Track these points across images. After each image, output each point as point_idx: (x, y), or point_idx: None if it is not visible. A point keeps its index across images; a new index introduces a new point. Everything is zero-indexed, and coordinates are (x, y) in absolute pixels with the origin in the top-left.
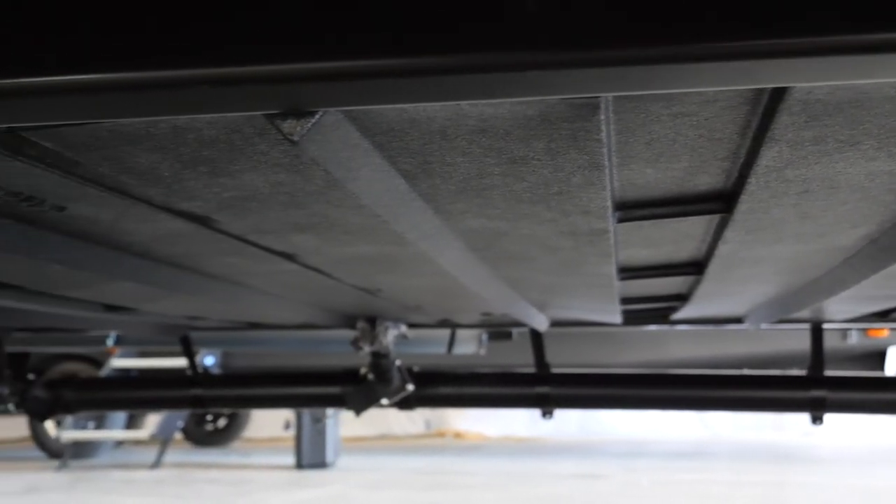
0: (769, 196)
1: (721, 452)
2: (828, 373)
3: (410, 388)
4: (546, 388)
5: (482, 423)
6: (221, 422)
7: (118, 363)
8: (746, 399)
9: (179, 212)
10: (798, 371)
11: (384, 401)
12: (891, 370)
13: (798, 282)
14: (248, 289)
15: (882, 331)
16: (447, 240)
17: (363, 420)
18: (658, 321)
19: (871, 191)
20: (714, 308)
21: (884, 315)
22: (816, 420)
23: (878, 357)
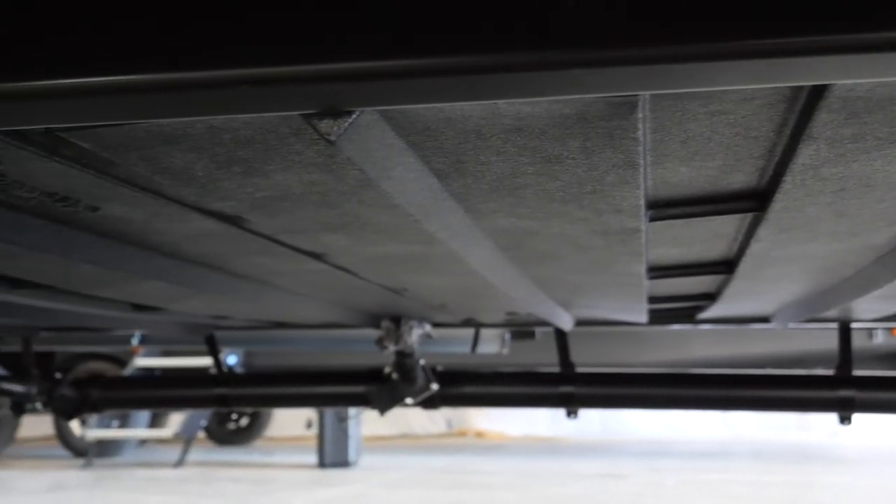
0: (804, 194)
1: (745, 452)
2: (856, 372)
3: (435, 388)
4: (571, 388)
5: (503, 423)
6: (244, 421)
7: (142, 362)
8: (773, 399)
9: (211, 212)
10: (825, 371)
11: (409, 400)
12: None
13: (829, 281)
14: (275, 288)
15: None
16: (477, 239)
17: (384, 419)
18: (684, 320)
19: None
20: (741, 307)
21: None
22: (845, 420)
23: None
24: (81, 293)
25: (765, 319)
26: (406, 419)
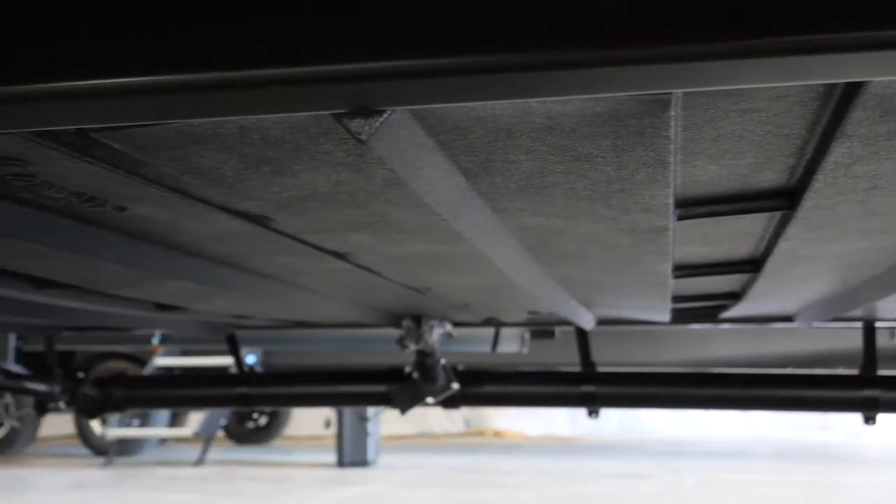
0: (835, 192)
1: (765, 452)
2: (881, 372)
3: (456, 387)
4: (592, 387)
5: (522, 422)
6: (262, 420)
7: (161, 361)
8: (797, 398)
9: (237, 211)
10: (848, 370)
11: (430, 399)
12: None
13: (856, 279)
14: (297, 287)
15: None
16: (503, 238)
17: (403, 418)
18: (706, 319)
19: None
20: (765, 306)
21: None
22: (869, 420)
23: None
24: (106, 293)
25: (788, 318)
26: (424, 418)
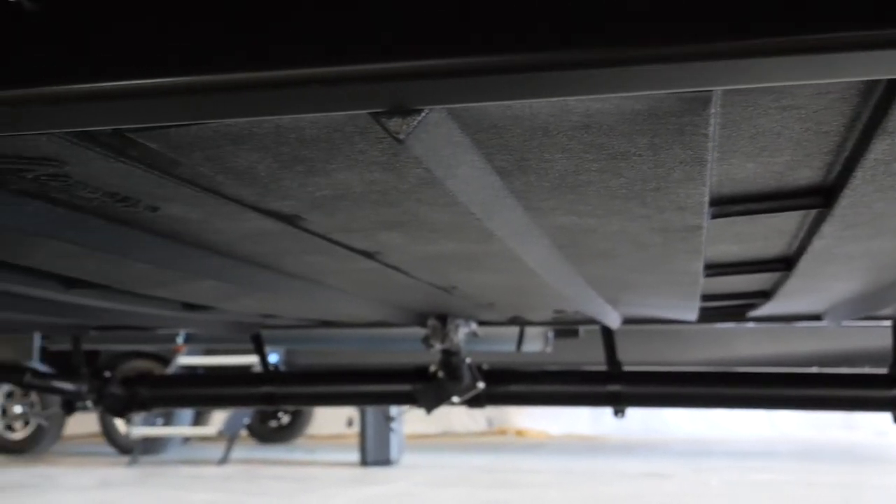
0: (873, 190)
1: (791, 452)
2: None
3: (481, 386)
4: (618, 387)
5: (544, 421)
6: (285, 419)
7: (184, 361)
8: (825, 398)
9: (268, 211)
10: (876, 369)
11: (455, 399)
12: None
13: (888, 277)
14: (325, 287)
15: None
16: (534, 237)
17: (425, 417)
18: (734, 318)
19: None
20: (793, 305)
21: None
22: None
23: None
24: (135, 292)
25: (816, 317)
26: (447, 417)
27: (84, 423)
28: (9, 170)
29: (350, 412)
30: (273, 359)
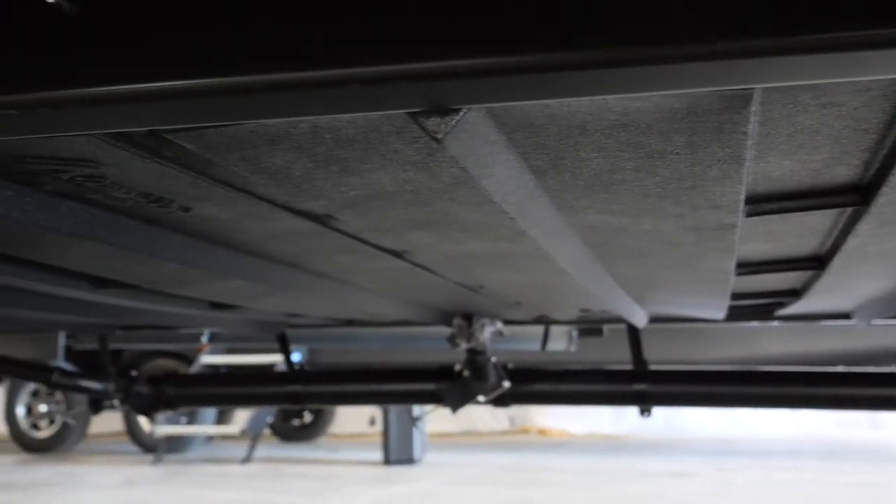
0: None
1: (815, 451)
2: None
3: (507, 385)
4: (645, 386)
5: (566, 420)
6: (308, 417)
7: (207, 360)
8: (852, 397)
9: (300, 211)
10: None
11: (481, 398)
12: None
13: None
14: (352, 286)
15: None
16: (565, 236)
17: (447, 416)
18: (762, 317)
19: None
20: (823, 303)
21: None
22: None
23: None
24: (164, 292)
25: (846, 316)
26: (469, 416)
27: (109, 422)
28: (45, 171)
29: (372, 411)
30: (295, 358)
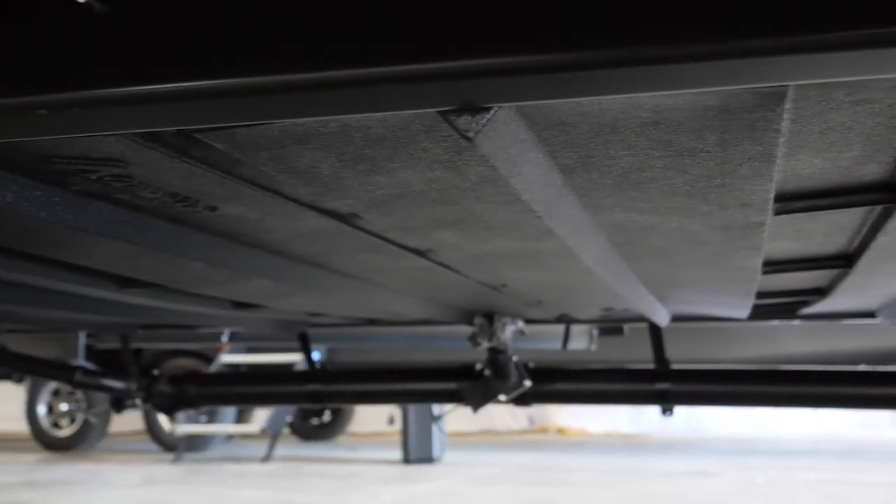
0: None
1: (837, 451)
2: None
3: (528, 385)
4: (667, 385)
5: (585, 419)
6: (327, 416)
7: (227, 359)
8: (874, 396)
9: (326, 210)
10: None
11: (502, 397)
12: None
13: None
14: (375, 285)
15: None
16: (591, 234)
17: (466, 415)
18: (785, 316)
19: None
20: (848, 302)
21: None
22: None
23: None
24: (187, 291)
25: (870, 315)
26: (488, 415)
27: (129, 421)
28: (73, 171)
29: (391, 410)
30: (315, 357)
